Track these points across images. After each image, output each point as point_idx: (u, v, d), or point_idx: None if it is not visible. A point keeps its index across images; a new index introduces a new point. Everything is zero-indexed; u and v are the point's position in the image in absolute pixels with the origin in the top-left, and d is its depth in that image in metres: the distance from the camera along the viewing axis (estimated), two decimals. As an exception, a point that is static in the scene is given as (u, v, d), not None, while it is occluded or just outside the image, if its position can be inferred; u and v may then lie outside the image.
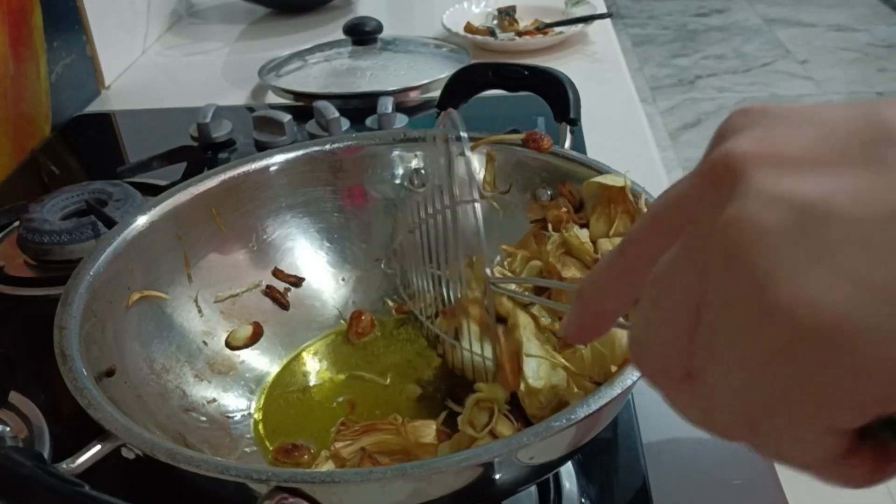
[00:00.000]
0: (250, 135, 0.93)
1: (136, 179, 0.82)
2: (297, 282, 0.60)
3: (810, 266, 0.18)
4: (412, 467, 0.35)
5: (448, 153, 0.50)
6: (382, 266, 0.62)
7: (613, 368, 0.45)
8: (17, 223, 0.75)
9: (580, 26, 1.19)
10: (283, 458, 0.49)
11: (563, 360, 0.47)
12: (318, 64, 1.10)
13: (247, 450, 0.50)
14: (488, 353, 0.49)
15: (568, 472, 0.50)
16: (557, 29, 1.19)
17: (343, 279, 0.62)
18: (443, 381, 0.54)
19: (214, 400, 0.53)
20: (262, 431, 0.52)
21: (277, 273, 0.60)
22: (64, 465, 0.39)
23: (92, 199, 0.73)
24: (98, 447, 0.39)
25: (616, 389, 0.37)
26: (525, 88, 0.66)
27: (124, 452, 0.40)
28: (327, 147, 0.62)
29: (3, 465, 0.36)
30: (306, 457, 0.49)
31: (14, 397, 0.56)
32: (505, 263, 0.56)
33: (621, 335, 0.44)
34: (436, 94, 0.69)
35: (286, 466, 0.48)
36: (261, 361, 0.57)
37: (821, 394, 0.19)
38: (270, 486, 0.35)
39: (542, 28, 1.20)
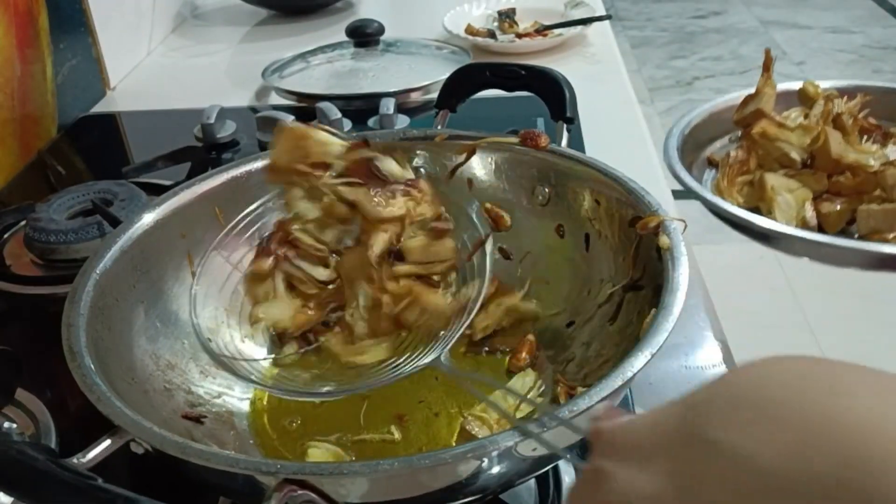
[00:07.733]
0: (254, 135, 0.93)
1: (141, 179, 0.83)
2: None
3: None
4: (418, 459, 0.36)
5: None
6: None
7: None
8: (23, 222, 0.76)
9: (579, 28, 1.19)
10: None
11: None
12: (321, 65, 1.11)
13: (252, 443, 0.51)
14: None
15: (567, 465, 0.51)
16: (557, 31, 1.20)
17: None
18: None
19: (219, 395, 0.53)
20: (267, 427, 0.53)
21: None
22: (75, 460, 0.39)
23: (97, 198, 0.74)
24: (108, 442, 0.40)
25: (616, 381, 0.38)
26: (522, 88, 0.67)
27: (133, 447, 0.41)
28: (330, 147, 0.62)
29: (18, 460, 0.36)
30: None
31: (20, 394, 0.57)
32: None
33: None
34: (437, 94, 0.70)
35: None
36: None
37: None
38: (279, 478, 0.36)
39: (542, 30, 1.21)
